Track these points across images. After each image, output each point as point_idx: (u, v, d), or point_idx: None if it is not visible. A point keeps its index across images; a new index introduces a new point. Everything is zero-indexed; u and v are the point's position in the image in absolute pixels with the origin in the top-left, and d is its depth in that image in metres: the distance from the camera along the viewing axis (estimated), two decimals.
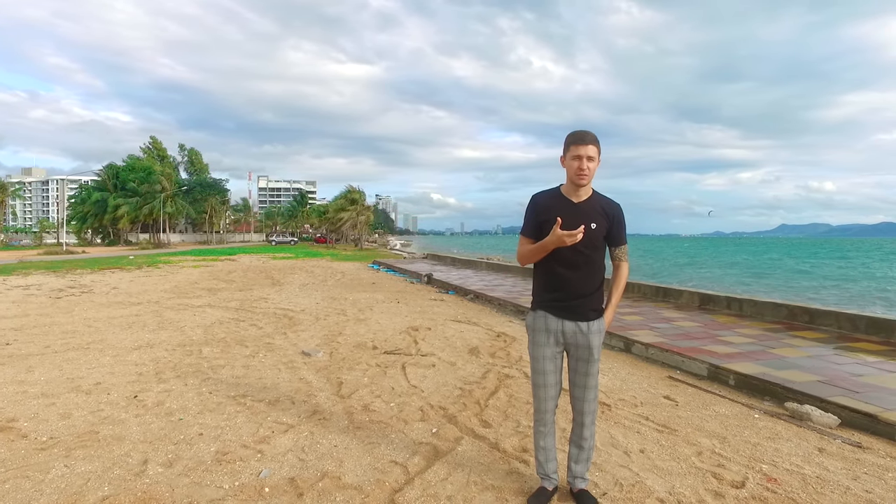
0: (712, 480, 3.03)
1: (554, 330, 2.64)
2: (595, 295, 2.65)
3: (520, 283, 14.99)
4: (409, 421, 3.92)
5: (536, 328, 2.69)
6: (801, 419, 4.24)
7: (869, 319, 7.38)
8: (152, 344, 6.62)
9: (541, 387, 2.71)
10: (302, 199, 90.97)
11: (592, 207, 2.62)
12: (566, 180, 2.64)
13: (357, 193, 54.35)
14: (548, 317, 2.65)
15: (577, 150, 2.52)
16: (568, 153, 2.56)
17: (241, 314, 9.20)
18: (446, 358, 5.96)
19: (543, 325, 2.66)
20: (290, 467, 3.12)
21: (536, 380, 2.73)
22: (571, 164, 2.55)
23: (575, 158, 2.53)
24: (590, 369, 2.67)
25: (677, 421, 4.05)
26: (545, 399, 2.72)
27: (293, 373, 5.27)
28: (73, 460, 3.20)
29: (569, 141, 2.57)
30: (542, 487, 2.78)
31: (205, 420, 3.90)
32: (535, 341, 2.70)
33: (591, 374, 2.68)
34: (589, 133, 2.55)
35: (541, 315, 2.68)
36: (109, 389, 4.68)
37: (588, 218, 2.58)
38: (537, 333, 2.69)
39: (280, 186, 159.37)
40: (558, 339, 2.65)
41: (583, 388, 2.69)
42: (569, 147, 2.56)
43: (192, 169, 72.81)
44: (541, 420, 2.76)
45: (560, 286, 2.62)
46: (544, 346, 2.67)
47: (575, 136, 2.55)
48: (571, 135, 2.58)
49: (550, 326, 2.65)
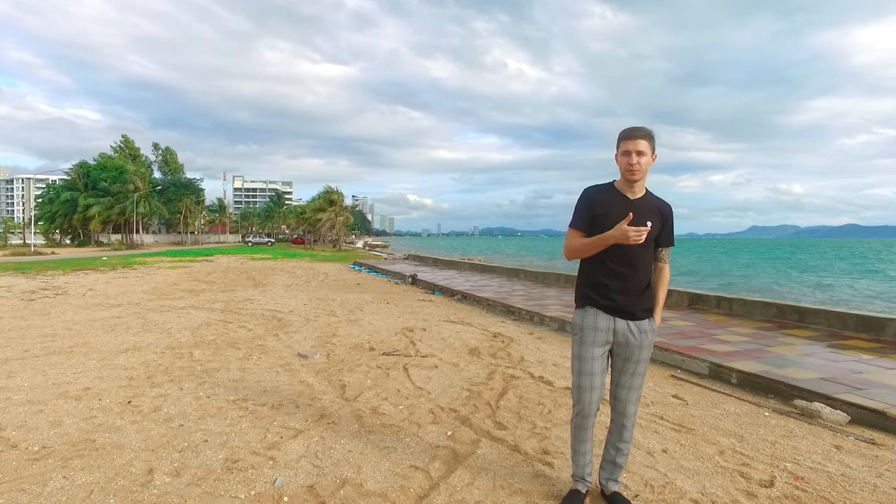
0: (740, 480, 2.98)
1: (605, 328, 2.55)
2: (646, 294, 2.58)
3: (506, 284, 14.96)
4: (421, 424, 3.80)
5: (586, 326, 2.58)
6: (812, 417, 4.24)
7: (858, 317, 7.50)
8: (139, 347, 6.37)
9: (587, 389, 2.58)
10: (278, 200, 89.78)
11: (648, 206, 2.56)
12: (620, 176, 2.57)
13: (336, 194, 53.83)
14: (599, 314, 2.55)
15: (626, 145, 2.47)
16: (619, 149, 2.50)
17: (227, 316, 8.95)
18: (447, 359, 5.85)
19: (594, 323, 2.56)
20: (305, 475, 2.97)
21: (582, 381, 2.59)
22: (622, 159, 2.49)
23: (625, 154, 2.47)
24: (637, 369, 2.58)
25: (691, 420, 4.02)
26: (591, 402, 2.60)
27: (292, 375, 5.10)
28: (71, 471, 3.01)
29: (620, 137, 2.51)
30: (576, 490, 2.69)
31: (207, 426, 3.73)
32: (584, 340, 2.58)
33: (639, 375, 2.59)
34: (641, 128, 2.49)
35: (591, 312, 2.57)
36: (100, 395, 4.45)
37: (644, 216, 2.51)
38: (587, 332, 2.57)
39: (256, 187, 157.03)
40: (608, 339, 2.56)
41: (628, 389, 2.60)
42: (619, 143, 2.51)
43: (167, 168, 71.21)
44: (583, 424, 2.64)
45: (613, 284, 2.53)
46: (593, 346, 2.56)
47: (625, 132, 2.50)
48: (623, 131, 2.52)
49: (601, 325, 2.55)
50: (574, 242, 2.58)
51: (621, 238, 2.40)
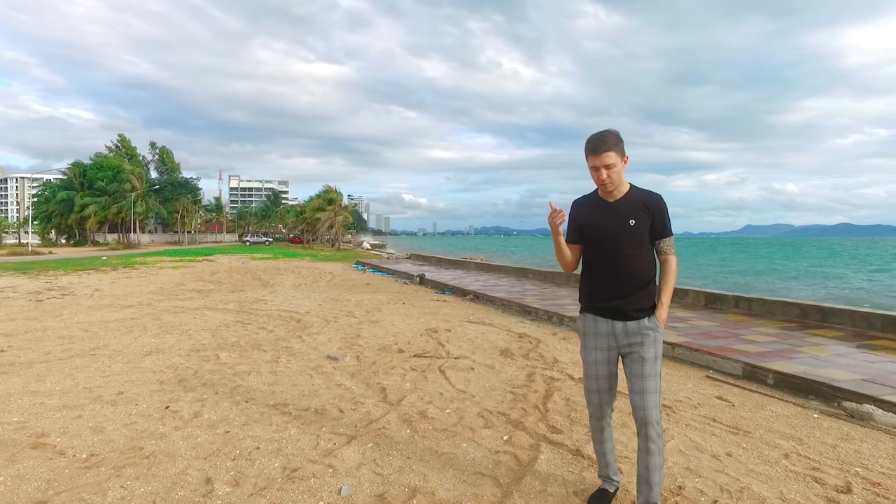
0: (816, 486, 2.92)
1: (605, 332, 2.52)
2: (643, 293, 2.48)
3: (516, 284, 14.90)
4: (474, 428, 3.72)
5: (586, 331, 2.59)
6: (863, 419, 4.18)
7: (885, 318, 7.46)
8: (162, 349, 6.26)
9: (594, 392, 2.59)
10: (275, 199, 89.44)
11: (629, 204, 2.50)
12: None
13: (335, 193, 53.65)
14: (597, 319, 2.54)
15: (593, 161, 2.44)
16: (588, 162, 2.46)
17: (243, 317, 8.84)
18: (481, 360, 5.77)
19: (593, 327, 2.55)
20: (370, 483, 2.89)
21: (589, 385, 2.61)
22: (593, 174, 2.47)
23: (594, 169, 2.45)
24: (644, 371, 2.45)
25: (744, 422, 3.95)
26: (599, 405, 2.59)
27: (327, 378, 5.02)
28: (127, 480, 2.92)
29: (586, 150, 2.46)
30: (604, 489, 2.70)
31: (254, 432, 3.63)
32: (586, 345, 2.60)
33: (647, 377, 2.44)
34: (605, 138, 2.41)
35: (590, 318, 2.57)
36: (135, 400, 4.36)
37: (625, 216, 2.48)
38: (587, 337, 2.59)
39: (252, 186, 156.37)
40: (611, 343, 2.52)
41: (640, 394, 2.44)
42: (587, 157, 2.46)
43: (163, 168, 70.70)
44: (596, 427, 2.65)
45: (605, 286, 2.51)
46: (595, 350, 2.55)
47: (590, 146, 2.44)
48: (587, 143, 2.46)
49: (600, 329, 2.53)
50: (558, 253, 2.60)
51: (553, 228, 2.46)
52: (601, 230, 2.51)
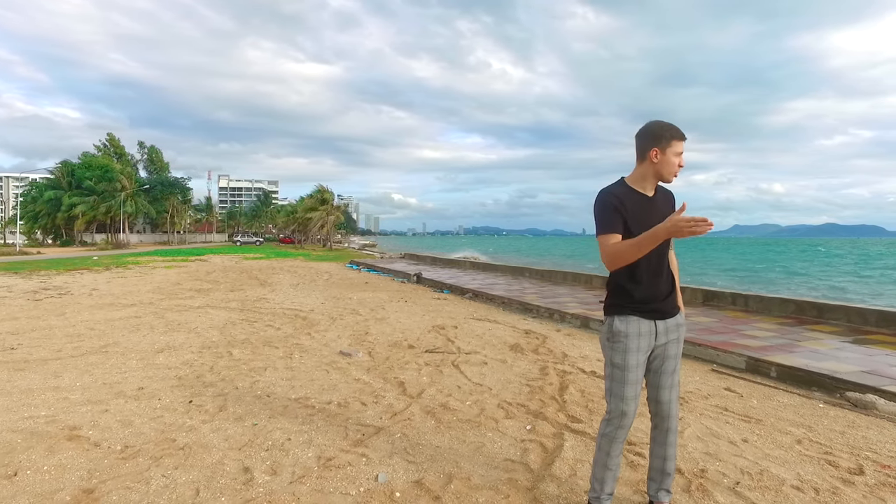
0: (830, 468, 3.06)
1: (648, 333, 2.41)
2: (675, 290, 2.51)
3: (513, 283, 15.04)
4: (497, 419, 3.83)
5: (630, 333, 2.40)
6: (867, 408, 4.34)
7: (879, 313, 7.68)
8: (173, 347, 6.31)
9: (632, 399, 2.41)
10: (265, 199, 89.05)
11: (663, 200, 2.47)
12: (645, 173, 2.41)
13: (328, 193, 53.56)
14: (640, 321, 2.41)
15: (680, 147, 2.36)
16: (669, 148, 2.35)
17: (248, 315, 8.89)
18: (493, 356, 5.89)
19: (637, 329, 2.40)
20: (404, 471, 2.99)
21: (627, 392, 2.40)
22: (672, 160, 2.35)
23: (677, 155, 2.36)
24: (676, 366, 2.49)
25: (755, 411, 4.10)
26: (633, 412, 2.44)
27: (343, 374, 5.10)
28: (167, 469, 2.99)
29: (670, 135, 2.36)
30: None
31: (282, 424, 3.72)
32: (629, 348, 2.40)
33: (676, 372, 2.50)
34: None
35: (634, 319, 2.41)
36: (157, 395, 4.42)
37: (663, 212, 2.38)
38: (631, 339, 2.40)
39: (241, 186, 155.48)
40: (650, 343, 2.43)
41: (670, 389, 2.47)
42: (670, 142, 2.35)
43: (153, 167, 70.09)
44: (620, 436, 2.46)
45: (654, 286, 2.42)
46: (637, 353, 2.41)
47: (677, 131, 2.36)
48: (672, 128, 2.37)
49: (643, 330, 2.41)
50: (618, 247, 2.29)
51: (673, 231, 2.14)
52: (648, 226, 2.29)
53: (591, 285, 14.13)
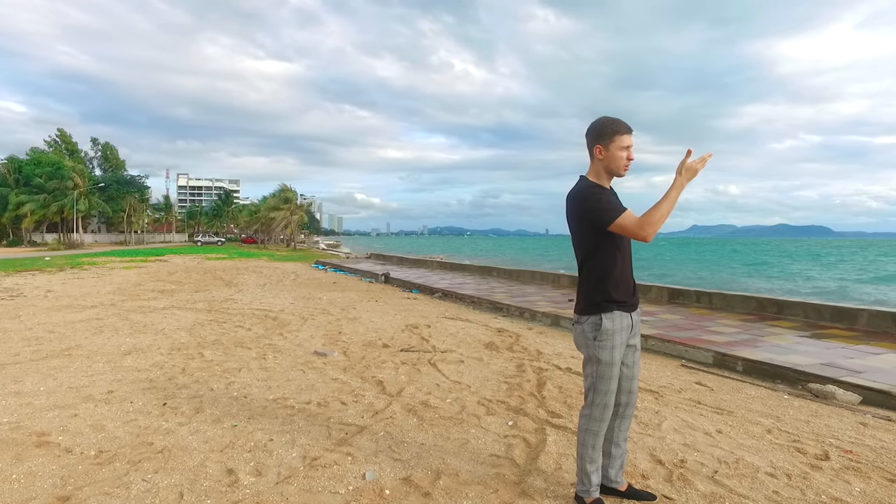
0: (799, 455, 3.21)
1: (627, 327, 2.44)
2: None
3: (482, 282, 15.15)
4: (479, 416, 3.86)
5: (618, 329, 2.40)
6: (827, 398, 4.56)
7: (833, 308, 8.05)
8: (140, 349, 6.13)
9: (613, 393, 2.45)
10: (227, 199, 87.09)
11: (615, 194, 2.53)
12: (599, 170, 2.44)
13: (291, 192, 52.78)
14: (623, 315, 2.42)
15: (626, 140, 2.37)
16: (613, 143, 2.36)
17: (216, 316, 8.70)
18: (469, 354, 5.92)
19: (622, 324, 2.41)
20: (391, 468, 2.99)
21: (611, 387, 2.43)
22: (621, 153, 2.37)
23: (624, 149, 2.36)
24: (637, 357, 2.55)
25: (726, 404, 4.25)
26: (612, 406, 2.47)
27: (320, 373, 5.05)
28: (147, 473, 2.91)
29: (612, 129, 2.37)
30: (599, 499, 2.54)
31: (263, 425, 3.66)
32: (615, 344, 2.39)
33: (638, 361, 2.57)
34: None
35: (619, 315, 2.41)
36: (129, 398, 4.29)
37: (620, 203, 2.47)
38: (619, 334, 2.40)
39: (201, 185, 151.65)
40: (625, 337, 2.45)
41: (636, 379, 2.56)
42: (613, 137, 2.36)
43: (107, 165, 67.61)
44: (603, 430, 2.50)
45: (631, 280, 2.47)
46: (622, 347, 2.43)
47: (621, 125, 2.37)
48: (613, 122, 2.39)
49: (625, 324, 2.43)
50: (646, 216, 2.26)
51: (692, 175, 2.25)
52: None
53: (558, 284, 14.35)
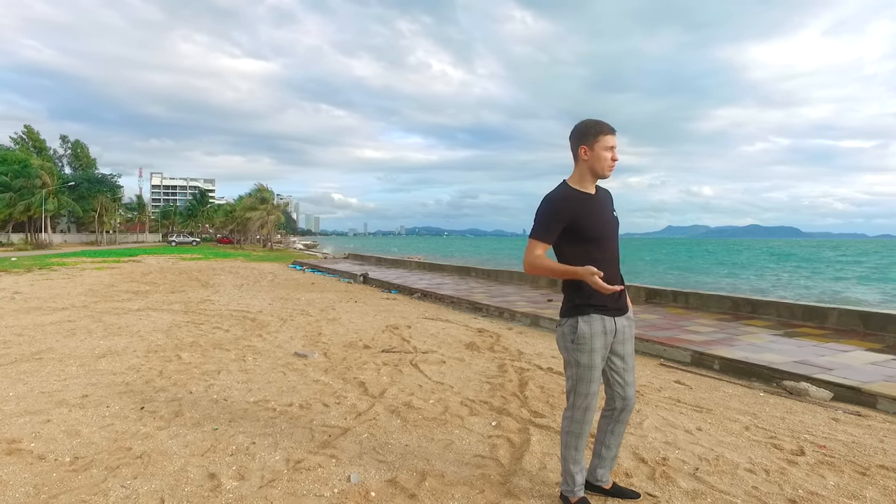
0: (776, 451, 3.28)
1: (609, 330, 2.44)
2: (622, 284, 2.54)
3: (461, 282, 15.18)
4: (462, 416, 3.87)
5: (595, 333, 2.41)
6: (801, 395, 4.68)
7: (804, 308, 8.26)
8: (115, 352, 5.99)
9: (594, 395, 2.47)
10: (202, 198, 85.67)
11: (605, 197, 2.53)
12: (583, 172, 2.44)
13: (267, 192, 52.19)
14: (604, 319, 2.43)
15: (610, 141, 2.38)
16: (597, 144, 2.37)
17: (193, 317, 8.55)
18: (450, 354, 5.93)
19: (601, 328, 2.42)
20: (376, 470, 2.97)
21: (592, 389, 2.45)
22: (604, 154, 2.37)
23: (608, 149, 2.37)
24: (631, 361, 2.54)
25: (705, 402, 4.33)
26: (595, 408, 2.50)
27: (301, 375, 5.01)
28: (125, 479, 2.85)
29: (596, 130, 2.38)
30: (584, 498, 2.57)
31: (244, 428, 3.61)
32: (594, 348, 2.41)
33: (633, 366, 2.56)
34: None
35: (597, 319, 2.42)
36: (104, 402, 4.19)
37: (608, 208, 2.50)
38: (597, 338, 2.41)
39: (175, 184, 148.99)
40: (608, 341, 2.45)
41: (631, 385, 2.53)
42: (597, 137, 2.37)
43: (78, 163, 65.86)
44: (584, 433, 2.52)
45: (612, 282, 2.38)
46: (602, 350, 2.44)
47: (605, 126, 2.39)
48: (597, 124, 2.40)
49: (607, 327, 2.43)
50: (541, 262, 2.39)
51: (587, 280, 2.29)
52: (600, 224, 2.43)
53: (537, 284, 14.44)
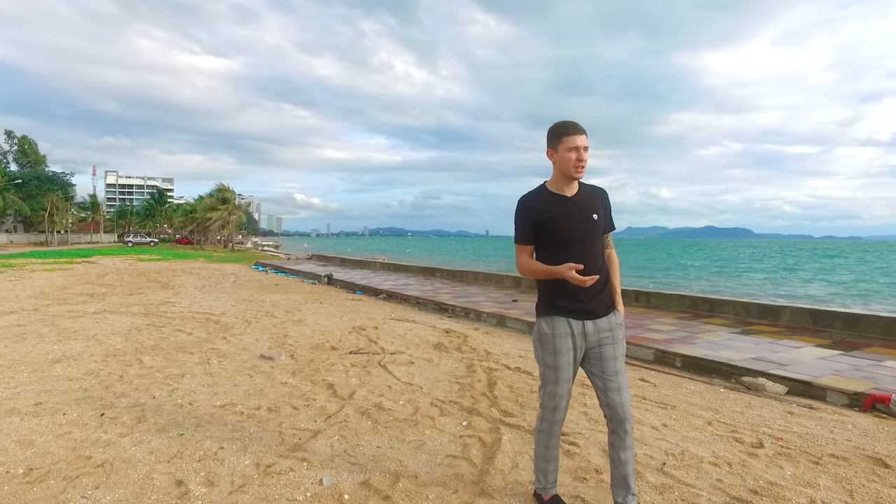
0: (737, 444, 3.41)
1: (577, 333, 2.40)
2: (607, 289, 2.46)
3: (426, 283, 15.18)
4: (433, 417, 3.87)
5: (558, 334, 2.40)
6: (758, 390, 4.86)
7: (760, 306, 8.58)
8: (71, 356, 5.76)
9: (563, 396, 2.44)
10: (160, 198, 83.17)
11: (587, 198, 2.45)
12: (556, 174, 2.43)
13: (229, 192, 51.00)
14: (569, 321, 2.40)
15: (573, 141, 2.33)
16: (560, 145, 2.35)
17: (154, 319, 8.30)
18: (418, 355, 5.92)
19: (564, 330, 2.39)
20: (349, 472, 2.95)
21: (558, 390, 2.43)
22: (567, 156, 2.33)
23: (571, 150, 2.33)
24: (618, 367, 2.43)
25: (669, 398, 4.46)
26: (564, 409, 2.48)
27: (268, 378, 4.92)
28: (86, 490, 2.75)
29: (560, 132, 2.36)
30: (556, 496, 2.60)
31: (212, 433, 3.53)
32: (558, 349, 2.40)
33: (621, 373, 2.43)
34: (577, 123, 2.37)
35: (560, 321, 2.40)
36: (60, 409, 4.02)
37: (587, 210, 2.42)
38: (559, 340, 2.40)
39: (132, 183, 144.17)
40: (579, 344, 2.41)
41: (618, 392, 2.40)
42: (561, 138, 2.35)
43: (25, 160, 63.00)
44: (555, 430, 2.52)
45: (577, 288, 2.34)
46: (568, 353, 2.40)
47: (567, 127, 2.36)
48: (561, 125, 2.38)
49: (574, 330, 2.39)
50: (529, 265, 2.44)
51: (566, 277, 2.28)
52: (570, 226, 2.39)
53: (502, 284, 14.57)
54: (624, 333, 2.49)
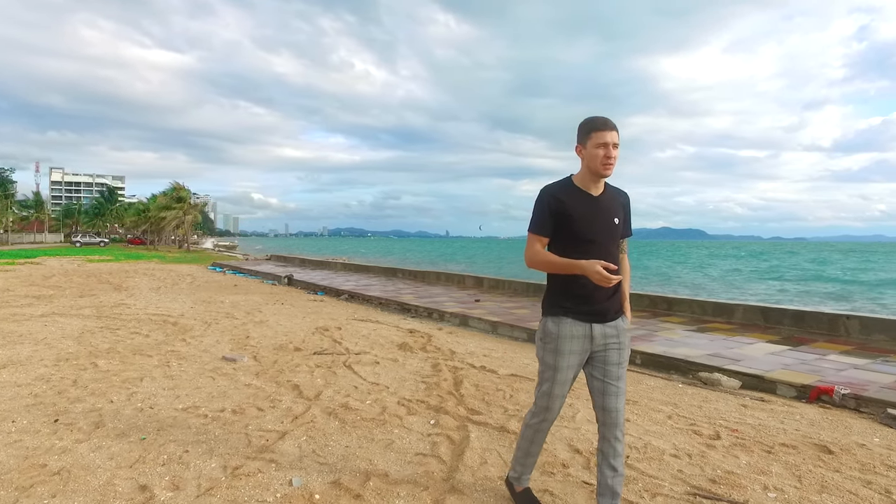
0: (696, 436, 3.55)
1: (582, 336, 2.34)
2: (619, 293, 2.41)
3: (388, 284, 15.15)
4: (400, 416, 3.88)
5: (562, 335, 2.35)
6: (714, 385, 5.06)
7: (715, 304, 8.92)
8: (18, 361, 5.51)
9: (559, 396, 2.42)
10: (110, 196, 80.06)
11: (611, 200, 2.39)
12: (583, 171, 2.36)
13: (184, 191, 49.52)
14: (576, 323, 2.35)
15: (602, 137, 2.26)
16: (589, 141, 2.29)
17: (108, 322, 8.01)
18: (383, 355, 5.91)
19: (570, 332, 2.34)
20: (318, 472, 2.93)
21: (554, 390, 2.39)
22: (596, 152, 2.27)
23: (600, 146, 2.26)
24: (621, 373, 2.39)
25: (630, 394, 4.58)
26: (557, 409, 2.46)
27: (231, 380, 4.83)
28: (42, 499, 2.64)
29: (589, 127, 2.31)
30: (528, 488, 2.65)
31: (175, 436, 3.45)
32: (560, 350, 2.35)
33: (622, 378, 2.39)
34: (609, 119, 2.32)
35: (567, 321, 2.35)
36: (9, 417, 3.84)
37: (610, 213, 2.36)
38: (563, 341, 2.35)
39: (79, 181, 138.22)
40: (585, 347, 2.36)
41: (616, 396, 2.37)
42: (590, 134, 2.29)
43: None
44: (546, 428, 2.52)
45: (596, 289, 2.30)
46: (570, 355, 2.36)
47: (598, 122, 2.30)
48: (592, 120, 2.33)
49: (578, 332, 2.34)
50: (541, 256, 2.36)
51: (590, 273, 2.20)
52: (593, 226, 2.33)
53: (464, 285, 14.67)
54: (630, 340, 2.46)
